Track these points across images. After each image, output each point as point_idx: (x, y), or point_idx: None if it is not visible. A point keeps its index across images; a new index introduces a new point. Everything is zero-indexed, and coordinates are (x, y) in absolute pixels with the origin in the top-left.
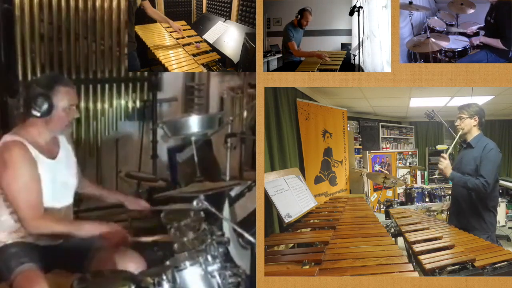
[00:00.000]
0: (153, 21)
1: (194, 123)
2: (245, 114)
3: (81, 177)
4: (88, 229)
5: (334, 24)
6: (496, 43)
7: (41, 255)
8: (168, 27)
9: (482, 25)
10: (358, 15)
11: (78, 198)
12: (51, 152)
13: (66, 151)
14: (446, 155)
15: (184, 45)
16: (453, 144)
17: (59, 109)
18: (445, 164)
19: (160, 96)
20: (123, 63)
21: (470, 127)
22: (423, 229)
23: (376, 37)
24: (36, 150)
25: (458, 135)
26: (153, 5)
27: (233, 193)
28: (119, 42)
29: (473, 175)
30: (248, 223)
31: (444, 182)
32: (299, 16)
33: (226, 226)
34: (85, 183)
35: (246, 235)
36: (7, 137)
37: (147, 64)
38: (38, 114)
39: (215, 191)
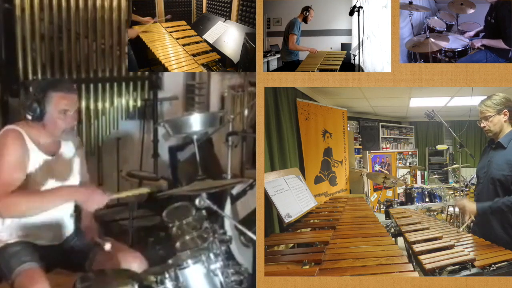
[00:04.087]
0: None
1: (195, 122)
2: (246, 112)
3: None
4: (62, 196)
5: (334, 24)
6: (498, 43)
7: (42, 254)
8: (168, 27)
9: (480, 28)
10: (358, 15)
11: None
12: (50, 149)
13: (68, 151)
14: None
15: (184, 45)
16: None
17: (51, 114)
18: (463, 203)
19: (161, 95)
20: (123, 62)
21: (500, 125)
22: (423, 229)
23: (376, 37)
24: (33, 144)
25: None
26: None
27: (234, 191)
28: (120, 41)
29: (506, 182)
30: (250, 221)
31: (444, 182)
32: (307, 13)
33: (228, 224)
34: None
35: (248, 233)
36: (8, 126)
37: (147, 64)
38: (30, 118)
39: (216, 189)
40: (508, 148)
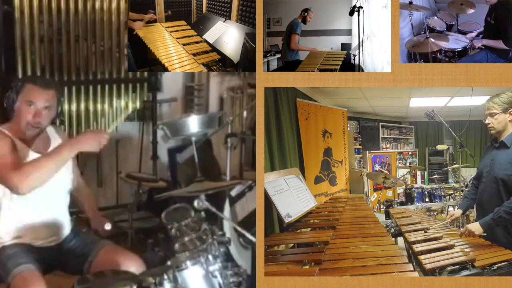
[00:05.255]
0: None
1: (194, 123)
2: (245, 114)
3: (79, 178)
4: (66, 150)
5: (334, 24)
6: (498, 44)
7: (40, 256)
8: (169, 27)
9: (480, 29)
10: (358, 15)
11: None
12: (39, 148)
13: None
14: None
15: (184, 45)
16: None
17: (19, 104)
18: (467, 229)
19: (160, 96)
20: (123, 64)
21: (504, 124)
22: (423, 229)
23: (376, 37)
24: (22, 143)
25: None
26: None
27: (233, 193)
28: (119, 43)
29: (509, 182)
30: (248, 222)
31: (444, 182)
32: (306, 13)
33: (227, 226)
34: (80, 184)
35: (247, 234)
36: None
37: (147, 64)
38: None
39: (215, 191)
40: None
